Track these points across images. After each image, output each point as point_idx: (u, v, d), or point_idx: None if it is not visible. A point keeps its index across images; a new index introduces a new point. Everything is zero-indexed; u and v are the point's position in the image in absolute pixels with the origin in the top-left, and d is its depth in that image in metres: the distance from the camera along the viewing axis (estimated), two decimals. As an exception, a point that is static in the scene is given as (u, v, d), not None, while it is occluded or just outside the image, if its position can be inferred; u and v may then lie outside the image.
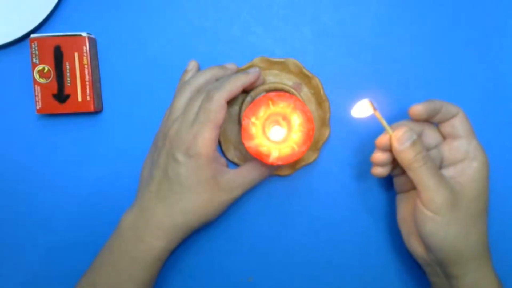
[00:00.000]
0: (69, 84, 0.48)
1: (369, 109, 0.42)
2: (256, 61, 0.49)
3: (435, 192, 0.41)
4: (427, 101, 0.43)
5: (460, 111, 0.44)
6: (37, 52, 0.47)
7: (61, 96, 0.48)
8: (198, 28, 0.50)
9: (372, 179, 0.50)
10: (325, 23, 0.50)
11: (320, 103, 0.49)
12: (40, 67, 0.47)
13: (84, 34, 0.47)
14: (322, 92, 0.49)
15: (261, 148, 0.42)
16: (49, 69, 0.47)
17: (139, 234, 0.44)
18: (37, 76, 0.47)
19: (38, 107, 0.48)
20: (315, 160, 0.49)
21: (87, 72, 0.48)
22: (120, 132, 0.50)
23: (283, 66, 0.49)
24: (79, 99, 0.48)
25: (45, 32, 0.49)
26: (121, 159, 0.50)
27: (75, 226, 0.51)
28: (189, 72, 0.48)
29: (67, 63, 0.47)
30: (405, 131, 0.42)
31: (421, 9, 0.49)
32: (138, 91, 0.50)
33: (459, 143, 0.44)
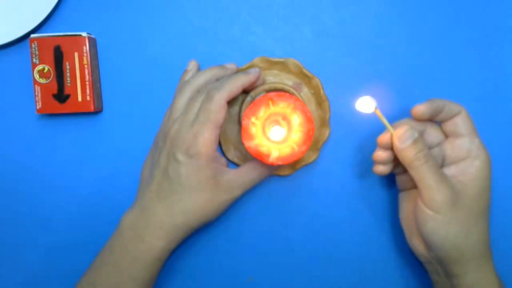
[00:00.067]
0: (69, 84, 0.48)
1: (370, 106, 0.43)
2: (256, 61, 0.49)
3: (436, 190, 0.41)
4: (429, 101, 0.43)
5: (462, 109, 0.44)
6: (37, 52, 0.47)
7: (61, 96, 0.48)
8: (198, 28, 0.50)
9: (372, 179, 0.50)
10: (325, 23, 0.50)
11: (320, 103, 0.49)
12: (40, 67, 0.47)
13: (84, 34, 0.47)
14: (322, 92, 0.49)
15: (261, 148, 0.42)
16: (49, 69, 0.47)
17: (140, 234, 0.44)
18: (37, 76, 0.47)
19: (38, 107, 0.48)
20: (315, 160, 0.49)
21: (87, 72, 0.48)
22: (120, 132, 0.50)
23: (283, 66, 0.49)
24: (79, 99, 0.48)
25: (45, 32, 0.49)
26: (121, 159, 0.50)
27: (75, 226, 0.51)
28: (189, 72, 0.48)
29: (67, 63, 0.47)
30: (406, 130, 0.42)
31: (421, 9, 0.49)
32: (138, 91, 0.50)
33: (461, 142, 0.44)
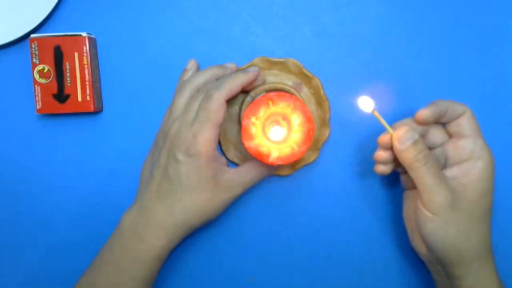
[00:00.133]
0: (69, 84, 0.48)
1: (368, 107, 0.42)
2: (256, 61, 0.49)
3: (435, 193, 0.41)
4: (432, 104, 0.43)
5: (467, 109, 0.43)
6: (37, 52, 0.47)
7: (61, 96, 0.48)
8: (198, 28, 0.50)
9: (372, 179, 0.50)
10: (325, 23, 0.50)
11: (320, 103, 0.49)
12: (40, 67, 0.47)
13: (84, 34, 0.47)
14: (322, 92, 0.49)
15: (261, 148, 0.42)
16: (49, 69, 0.47)
17: (140, 234, 0.44)
18: (37, 76, 0.47)
19: (38, 107, 0.48)
20: (315, 160, 0.49)
21: (87, 72, 0.48)
22: (120, 132, 0.50)
23: (283, 66, 0.49)
24: (79, 99, 0.48)
25: (45, 32, 0.49)
26: (121, 159, 0.50)
27: (75, 226, 0.51)
28: (189, 71, 0.48)
29: (67, 63, 0.47)
30: (405, 131, 0.41)
31: (421, 9, 0.49)
32: (138, 91, 0.50)
33: (464, 142, 0.43)
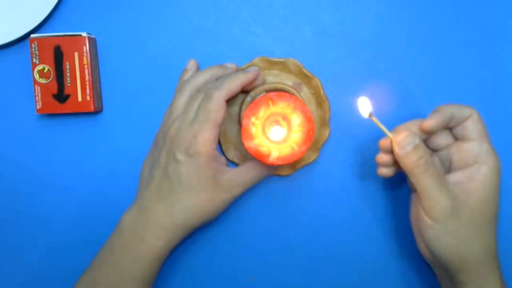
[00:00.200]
0: (69, 84, 0.48)
1: (365, 112, 0.42)
2: (256, 61, 0.49)
3: (435, 200, 0.40)
4: (437, 113, 0.42)
5: (473, 112, 0.42)
6: (37, 52, 0.47)
7: (61, 96, 0.48)
8: (198, 28, 0.50)
9: (372, 179, 0.50)
10: (325, 23, 0.50)
11: (320, 103, 0.49)
12: (40, 67, 0.47)
13: (84, 34, 0.47)
14: (322, 92, 0.49)
15: (261, 148, 0.42)
16: (49, 69, 0.47)
17: (139, 234, 0.44)
18: (37, 76, 0.47)
19: (38, 107, 0.48)
20: (315, 160, 0.49)
21: (87, 72, 0.48)
22: (120, 132, 0.50)
23: (283, 66, 0.49)
24: (79, 99, 0.48)
25: (45, 32, 0.49)
26: (121, 159, 0.50)
27: (75, 226, 0.51)
28: (189, 71, 0.48)
29: (67, 63, 0.47)
30: (406, 136, 0.41)
31: (421, 9, 0.49)
32: (138, 91, 0.50)
33: (469, 146, 0.42)
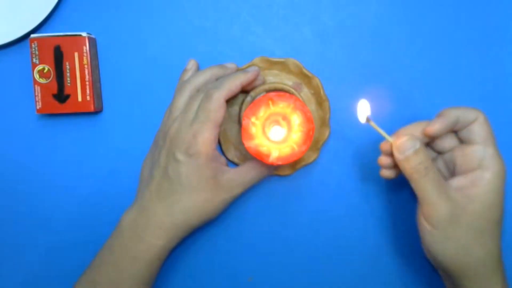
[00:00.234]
0: (69, 84, 0.48)
1: (363, 117, 0.41)
2: (256, 61, 0.49)
3: (434, 206, 0.40)
4: (441, 117, 0.41)
5: (479, 115, 0.41)
6: (37, 52, 0.47)
7: (61, 96, 0.48)
8: (198, 28, 0.50)
9: (372, 179, 0.50)
10: (325, 23, 0.50)
11: (320, 103, 0.49)
12: (40, 67, 0.47)
13: (84, 34, 0.47)
14: (322, 92, 0.49)
15: (261, 148, 0.42)
16: (49, 69, 0.47)
17: (139, 233, 0.44)
18: (37, 76, 0.47)
19: (38, 107, 0.48)
20: (315, 160, 0.49)
21: (87, 72, 0.48)
22: (120, 132, 0.50)
23: (283, 66, 0.49)
24: (79, 99, 0.48)
25: (45, 32, 0.49)
26: (121, 159, 0.50)
27: (75, 226, 0.51)
28: (189, 71, 0.48)
29: (67, 63, 0.47)
30: (405, 140, 0.40)
31: (421, 9, 0.49)
32: (138, 91, 0.50)
33: (473, 150, 0.41)
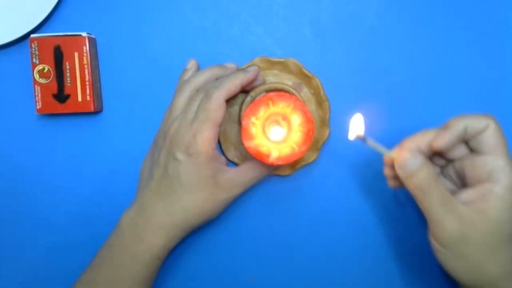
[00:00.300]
0: (69, 84, 0.48)
1: (352, 134, 0.40)
2: (256, 61, 0.49)
3: (442, 225, 0.37)
4: (448, 128, 0.38)
5: (490, 123, 0.37)
6: (37, 52, 0.47)
7: (61, 96, 0.48)
8: (198, 28, 0.50)
9: (372, 179, 0.50)
10: (325, 23, 0.50)
11: (320, 103, 0.49)
12: (40, 67, 0.47)
13: (84, 34, 0.47)
14: (322, 92, 0.49)
15: (261, 148, 0.42)
16: (49, 69, 0.47)
17: (139, 233, 0.44)
18: (37, 76, 0.47)
19: (38, 107, 0.48)
20: (315, 160, 0.49)
21: (87, 72, 0.48)
22: (120, 132, 0.50)
23: (283, 66, 0.49)
24: (79, 99, 0.48)
25: (45, 32, 0.49)
26: (121, 159, 0.50)
27: (75, 226, 0.51)
28: (189, 71, 0.48)
29: (67, 63, 0.47)
30: (407, 156, 0.37)
31: (421, 9, 0.49)
32: (138, 91, 0.50)
33: (483, 161, 0.38)
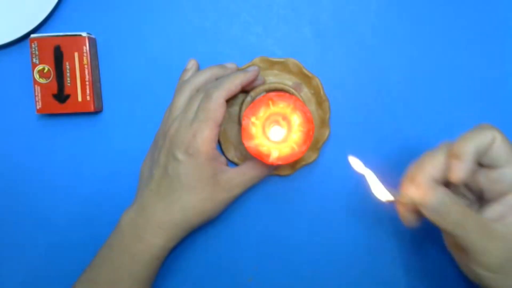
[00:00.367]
0: (69, 84, 0.48)
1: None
2: (256, 61, 0.49)
3: (487, 253, 0.35)
4: (460, 157, 0.36)
5: (495, 134, 0.36)
6: (37, 52, 0.47)
7: (61, 96, 0.48)
8: (198, 28, 0.50)
9: (372, 179, 0.50)
10: (325, 23, 0.50)
11: (320, 103, 0.49)
12: (40, 67, 0.47)
13: (84, 34, 0.47)
14: (322, 92, 0.49)
15: (261, 148, 0.42)
16: (49, 69, 0.47)
17: (139, 233, 0.44)
18: (37, 76, 0.47)
19: (38, 107, 0.48)
20: (315, 160, 0.49)
21: (87, 72, 0.48)
22: (120, 132, 0.50)
23: (283, 66, 0.49)
24: (79, 99, 0.48)
25: (45, 32, 0.49)
26: (121, 159, 0.50)
27: (75, 226, 0.51)
28: (189, 71, 0.48)
29: (67, 63, 0.47)
30: (432, 197, 0.35)
31: (421, 9, 0.49)
32: (138, 91, 0.50)
33: (500, 174, 0.36)
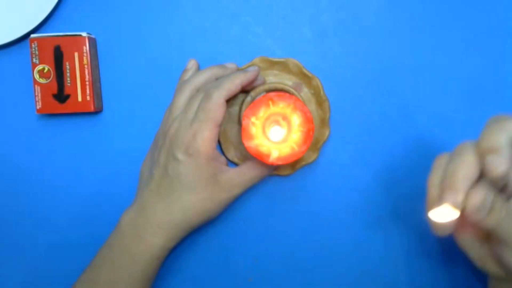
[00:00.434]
0: (69, 84, 0.48)
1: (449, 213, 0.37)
2: (256, 61, 0.49)
3: None
4: (495, 149, 0.35)
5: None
6: (37, 52, 0.47)
7: (61, 96, 0.48)
8: (198, 28, 0.50)
9: (372, 179, 0.50)
10: (325, 23, 0.50)
11: (320, 103, 0.49)
12: (40, 67, 0.47)
13: (84, 34, 0.47)
14: (322, 92, 0.49)
15: (261, 148, 0.42)
16: (49, 69, 0.47)
17: (139, 233, 0.44)
18: (37, 76, 0.47)
19: (38, 107, 0.48)
20: (315, 160, 0.49)
21: (87, 72, 0.48)
22: (120, 132, 0.50)
23: (283, 66, 0.49)
24: (79, 99, 0.48)
25: (45, 32, 0.49)
26: (121, 159, 0.50)
27: (75, 226, 0.51)
28: (189, 71, 0.48)
29: (67, 63, 0.47)
30: (477, 199, 0.35)
31: (421, 9, 0.49)
32: (138, 91, 0.50)
33: None
